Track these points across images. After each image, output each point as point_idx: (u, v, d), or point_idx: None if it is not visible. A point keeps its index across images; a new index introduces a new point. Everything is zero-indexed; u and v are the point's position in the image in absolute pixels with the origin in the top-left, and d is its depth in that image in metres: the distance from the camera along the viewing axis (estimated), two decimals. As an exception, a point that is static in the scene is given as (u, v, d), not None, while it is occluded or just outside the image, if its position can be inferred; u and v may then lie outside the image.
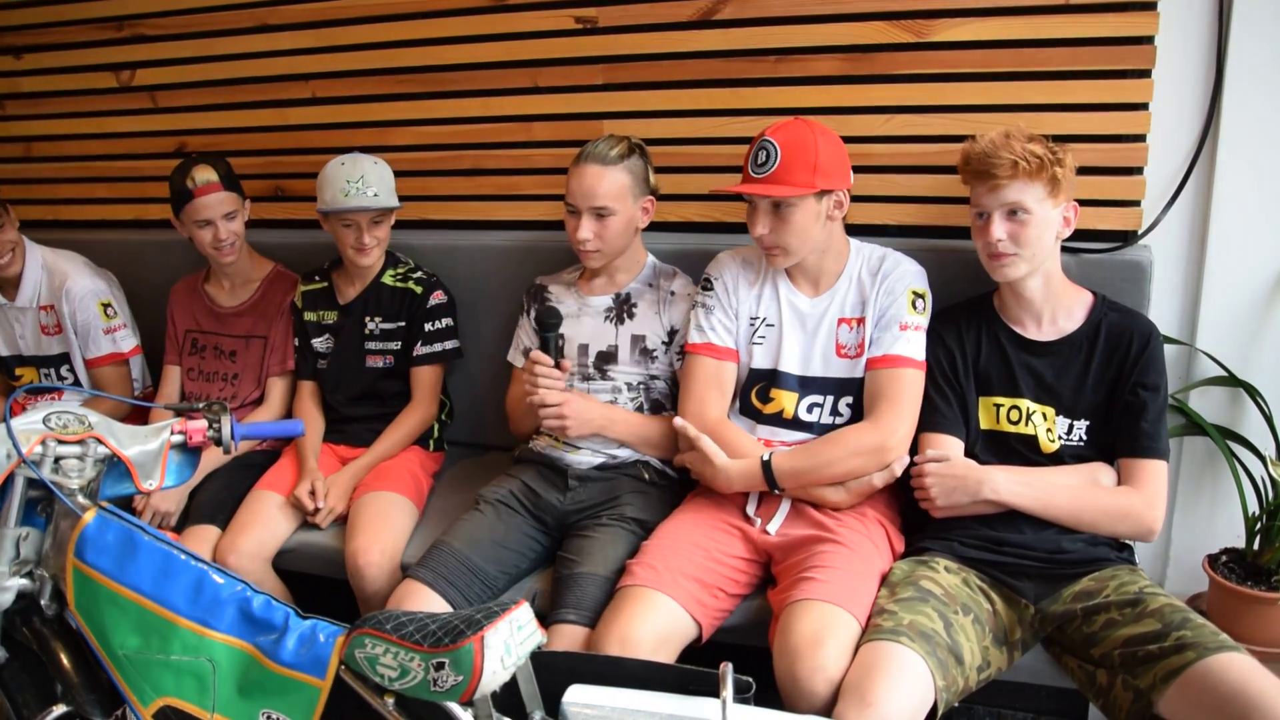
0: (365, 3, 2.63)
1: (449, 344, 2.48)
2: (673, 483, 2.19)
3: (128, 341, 2.73)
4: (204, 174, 2.42)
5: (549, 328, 2.13)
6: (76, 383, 2.73)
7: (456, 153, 2.66)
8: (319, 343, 2.51)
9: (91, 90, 3.02)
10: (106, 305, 2.70)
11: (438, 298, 2.46)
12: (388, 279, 2.47)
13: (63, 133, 3.00)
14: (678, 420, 2.02)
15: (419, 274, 2.48)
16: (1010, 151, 1.79)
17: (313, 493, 2.26)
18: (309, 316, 2.52)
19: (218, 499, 2.31)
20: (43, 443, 1.49)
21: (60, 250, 2.76)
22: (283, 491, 2.30)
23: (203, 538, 2.20)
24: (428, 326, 2.44)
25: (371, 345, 2.46)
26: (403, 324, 2.45)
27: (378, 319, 2.46)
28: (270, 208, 2.77)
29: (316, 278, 2.55)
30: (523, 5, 2.48)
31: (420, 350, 2.44)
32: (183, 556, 1.48)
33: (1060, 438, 1.88)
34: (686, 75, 2.38)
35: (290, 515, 2.28)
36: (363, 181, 2.31)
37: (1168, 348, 1.95)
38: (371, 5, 2.63)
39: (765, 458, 1.93)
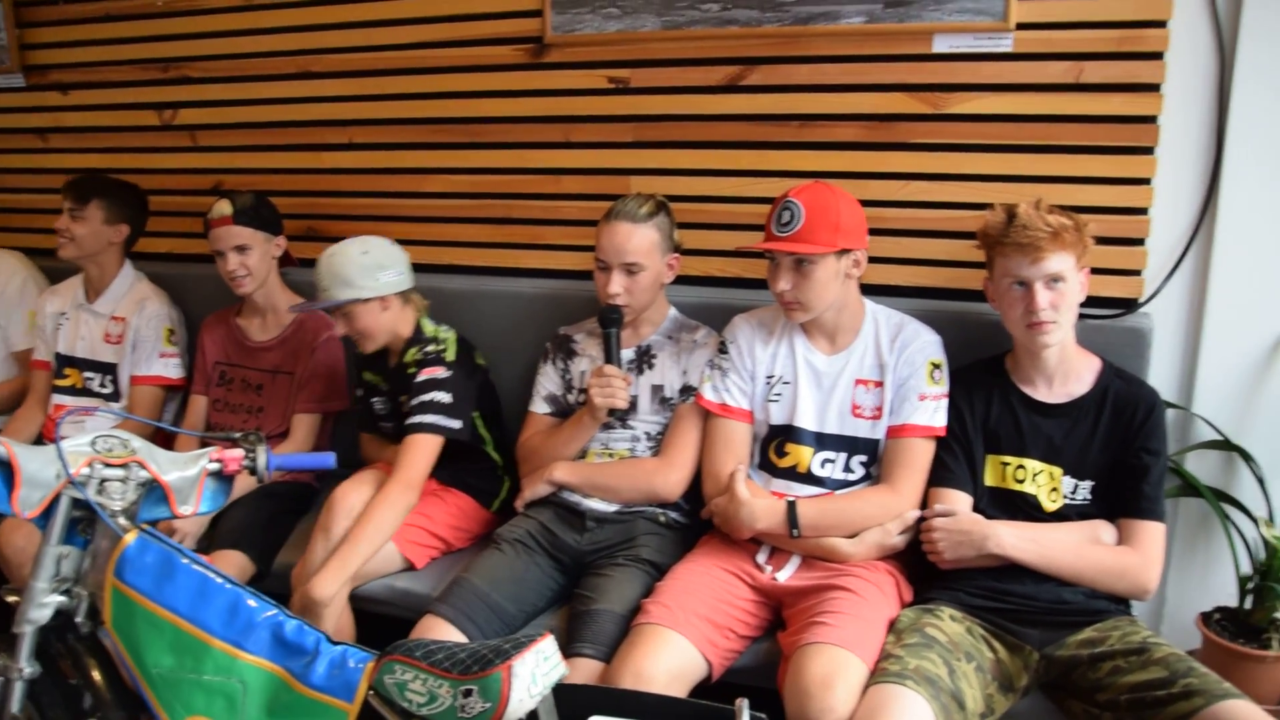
0: (405, 55, 2.72)
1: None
2: (686, 527, 2.23)
3: (175, 371, 2.78)
4: (221, 207, 2.50)
5: (611, 323, 2.18)
6: (114, 395, 2.78)
7: (488, 201, 2.72)
8: (378, 403, 2.48)
9: (134, 127, 3.11)
10: (171, 331, 2.78)
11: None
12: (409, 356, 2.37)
13: (103, 166, 3.06)
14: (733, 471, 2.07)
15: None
16: (1047, 224, 1.85)
17: None
18: (368, 376, 2.49)
19: (242, 526, 2.35)
20: (89, 465, 1.52)
21: (152, 282, 2.87)
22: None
23: (230, 563, 2.24)
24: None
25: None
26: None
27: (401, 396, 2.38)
28: (302, 247, 2.84)
29: None
30: (559, 64, 2.57)
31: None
32: (218, 580, 1.51)
33: (1066, 497, 1.93)
34: (713, 136, 2.46)
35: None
36: (320, 277, 2.27)
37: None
38: (411, 58, 2.72)
39: (791, 499, 1.99)
